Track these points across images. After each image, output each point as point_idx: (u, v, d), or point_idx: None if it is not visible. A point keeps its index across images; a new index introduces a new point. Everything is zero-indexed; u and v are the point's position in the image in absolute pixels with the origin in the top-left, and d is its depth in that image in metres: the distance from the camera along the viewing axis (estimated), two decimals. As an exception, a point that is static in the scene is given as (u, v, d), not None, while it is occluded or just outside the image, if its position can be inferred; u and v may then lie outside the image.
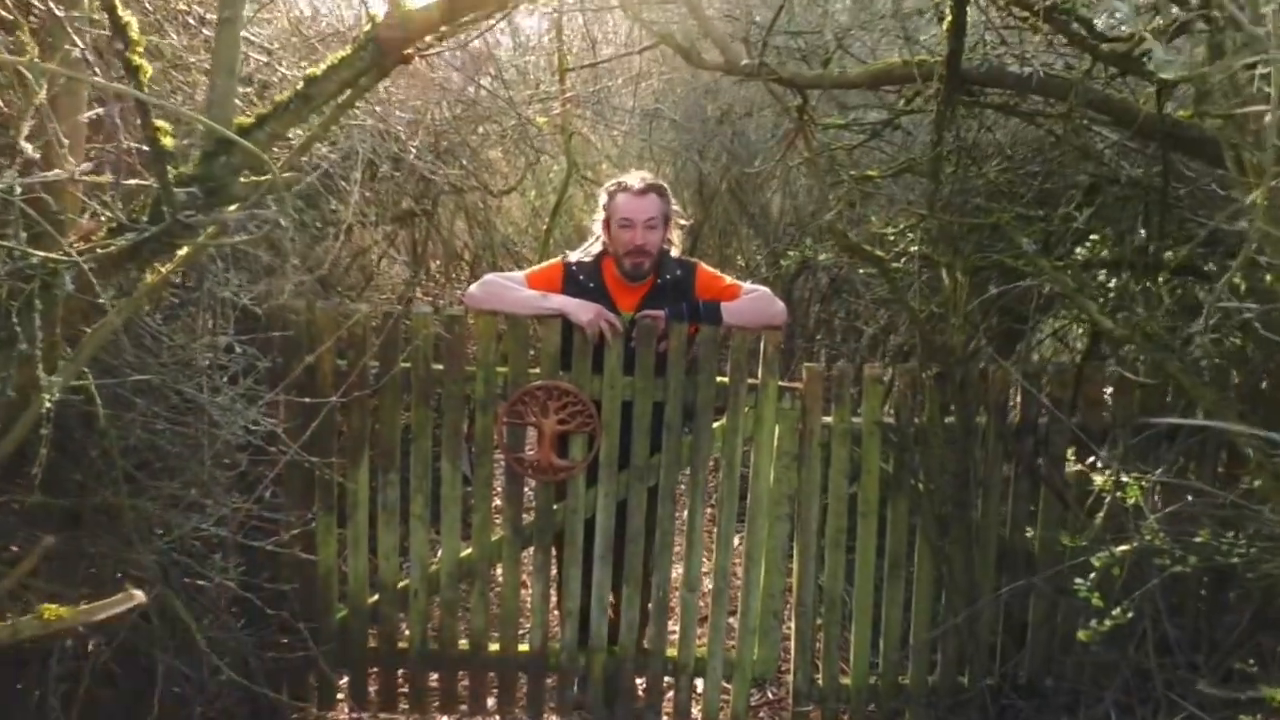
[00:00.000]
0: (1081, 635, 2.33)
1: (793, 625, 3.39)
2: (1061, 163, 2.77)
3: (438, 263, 6.91)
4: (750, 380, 3.21)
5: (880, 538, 3.34)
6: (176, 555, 2.50)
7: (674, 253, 3.42)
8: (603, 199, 3.33)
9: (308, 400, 2.85)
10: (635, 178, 3.30)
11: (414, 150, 3.67)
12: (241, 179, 1.61)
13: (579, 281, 3.29)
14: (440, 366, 3.19)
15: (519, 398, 3.17)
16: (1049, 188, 3.20)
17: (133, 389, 2.19)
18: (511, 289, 3.23)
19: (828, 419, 3.27)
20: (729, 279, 3.43)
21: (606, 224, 3.30)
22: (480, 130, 5.34)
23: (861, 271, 4.29)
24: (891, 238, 3.62)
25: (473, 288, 3.28)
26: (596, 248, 3.36)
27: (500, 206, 7.10)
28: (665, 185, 3.33)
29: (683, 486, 3.57)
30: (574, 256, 3.39)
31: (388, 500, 3.26)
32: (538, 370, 3.18)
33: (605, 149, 7.04)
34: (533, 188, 7.75)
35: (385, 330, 3.09)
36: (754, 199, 6.20)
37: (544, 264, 3.46)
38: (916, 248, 3.15)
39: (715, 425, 3.25)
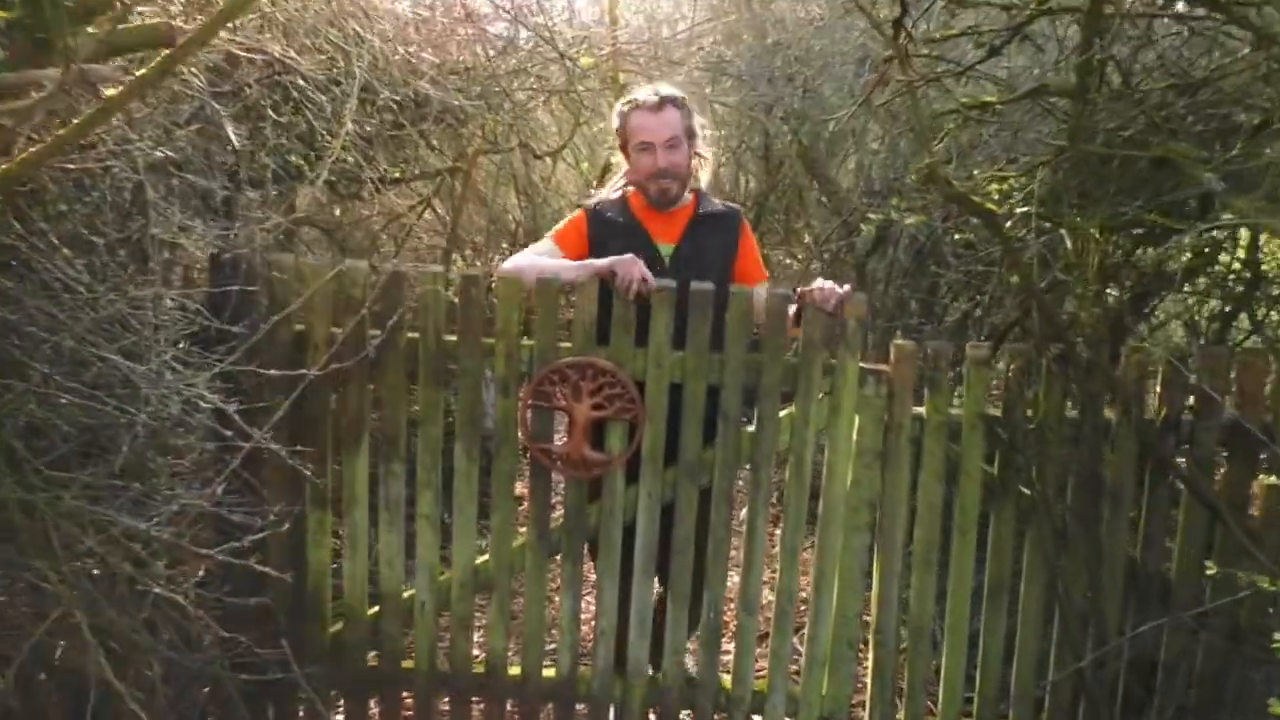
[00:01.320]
0: (1275, 708, 1.73)
1: (870, 656, 2.90)
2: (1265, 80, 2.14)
3: (482, 237, 6.50)
4: (826, 360, 2.68)
5: (980, 554, 2.81)
6: (113, 561, 2.02)
7: (704, 178, 3.03)
8: (615, 122, 2.96)
9: (273, 373, 2.37)
10: (648, 91, 2.91)
11: (400, 57, 3.11)
12: (90, 30, 1.10)
13: (606, 220, 2.90)
14: (454, 338, 2.70)
15: (546, 376, 2.66)
16: (1202, 130, 2.59)
17: (43, 354, 1.71)
18: (546, 264, 2.74)
19: (919, 409, 2.75)
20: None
21: (625, 149, 2.94)
22: (529, 83, 4.84)
23: (957, 236, 3.69)
24: (997, 195, 3.04)
25: (506, 264, 2.83)
26: (618, 191, 2.99)
27: (551, 179, 6.63)
28: (683, 95, 2.93)
29: (741, 485, 3.05)
30: (596, 199, 3.01)
31: (390, 495, 2.78)
32: (569, 345, 2.68)
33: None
34: (586, 159, 7.26)
35: (387, 292, 2.60)
36: (826, 164, 5.61)
37: (566, 220, 2.99)
38: (1033, 206, 2.57)
39: (782, 414, 2.73)
